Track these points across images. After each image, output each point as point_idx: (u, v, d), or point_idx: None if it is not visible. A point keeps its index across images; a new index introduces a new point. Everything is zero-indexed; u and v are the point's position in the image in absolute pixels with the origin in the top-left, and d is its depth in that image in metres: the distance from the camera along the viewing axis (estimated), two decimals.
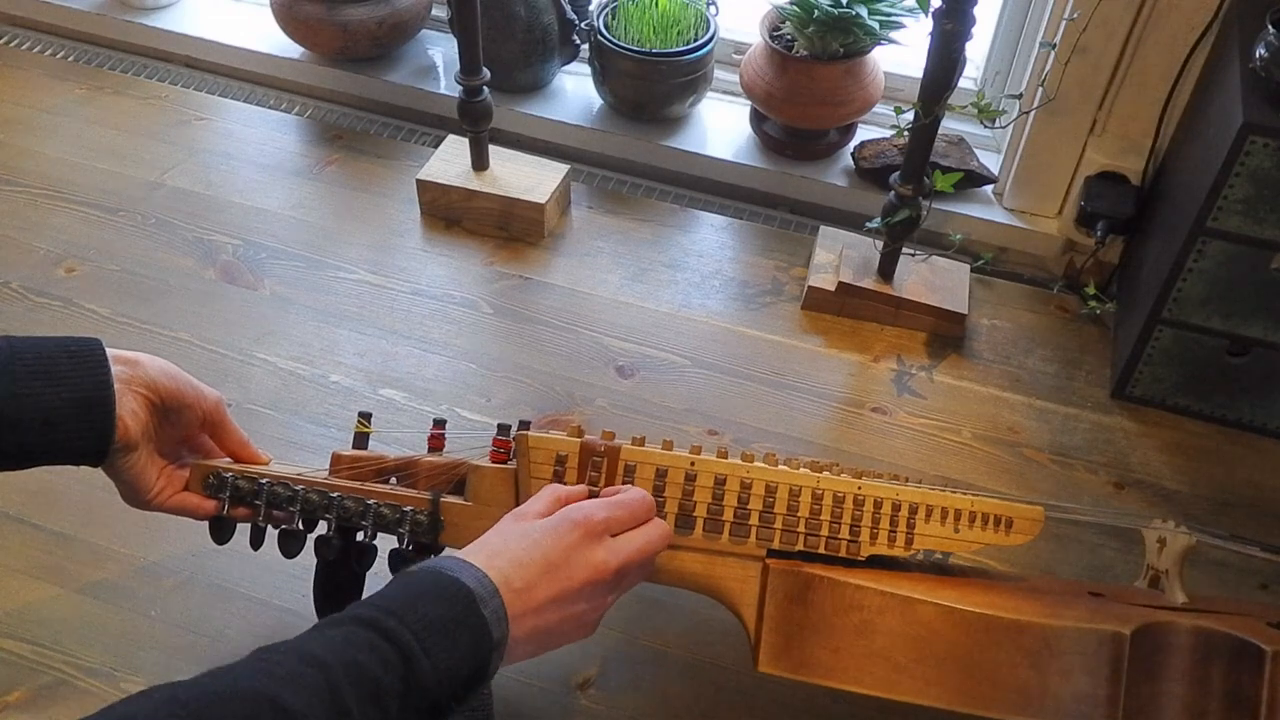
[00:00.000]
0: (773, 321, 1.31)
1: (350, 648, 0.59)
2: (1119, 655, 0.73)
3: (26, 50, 1.67)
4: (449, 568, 0.66)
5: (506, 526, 0.72)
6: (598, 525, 0.71)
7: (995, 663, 0.74)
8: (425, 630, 0.61)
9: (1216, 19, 1.16)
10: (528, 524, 0.72)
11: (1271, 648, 0.73)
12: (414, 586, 0.64)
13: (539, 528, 0.71)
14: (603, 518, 0.72)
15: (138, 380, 0.76)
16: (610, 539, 0.72)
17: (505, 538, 0.70)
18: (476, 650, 0.63)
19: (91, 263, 1.32)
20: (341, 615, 0.62)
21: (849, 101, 1.38)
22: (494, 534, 0.71)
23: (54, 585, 1.00)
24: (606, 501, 0.74)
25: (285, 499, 0.81)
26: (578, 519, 0.71)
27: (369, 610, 0.62)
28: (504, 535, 0.71)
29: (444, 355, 1.24)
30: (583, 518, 0.71)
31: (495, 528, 0.72)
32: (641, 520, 0.75)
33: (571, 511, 0.72)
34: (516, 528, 0.71)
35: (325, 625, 0.61)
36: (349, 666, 0.58)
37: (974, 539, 0.83)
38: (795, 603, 0.77)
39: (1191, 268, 1.11)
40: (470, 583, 0.65)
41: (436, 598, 0.63)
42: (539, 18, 1.46)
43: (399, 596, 0.63)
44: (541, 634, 0.68)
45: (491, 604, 0.65)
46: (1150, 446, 1.20)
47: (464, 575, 0.65)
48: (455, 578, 0.65)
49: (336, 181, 1.46)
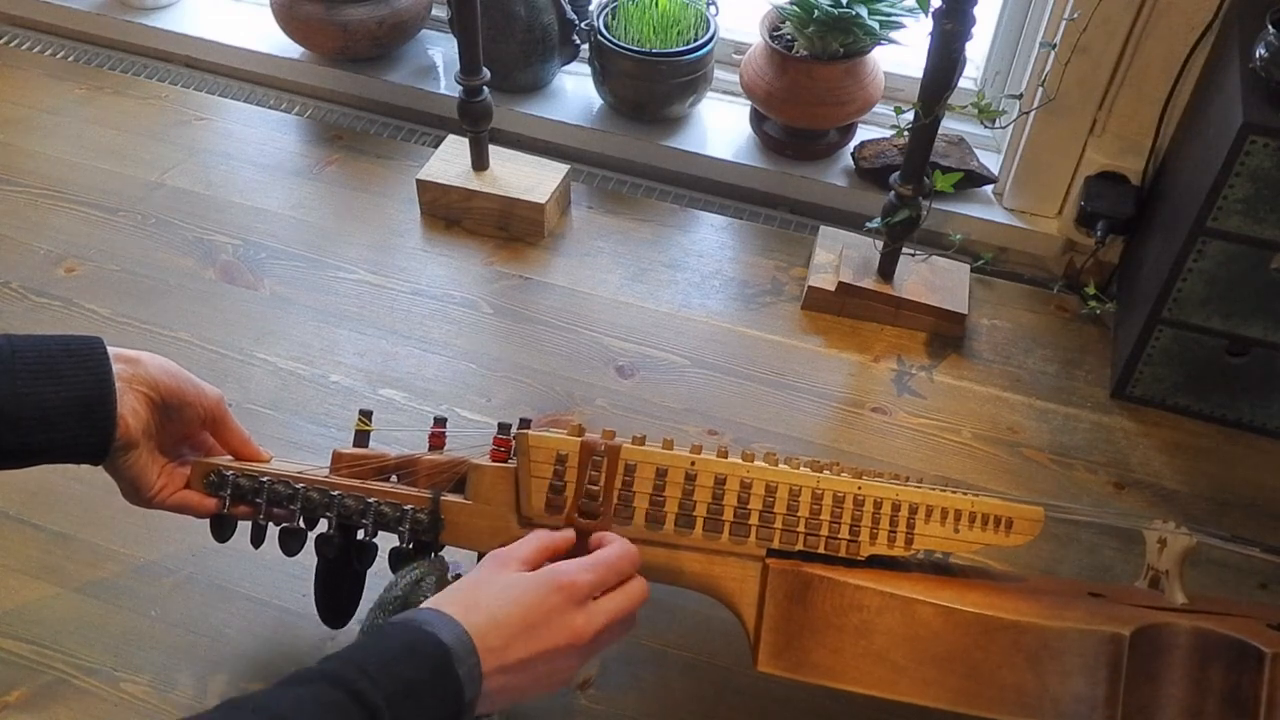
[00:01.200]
0: (773, 321, 1.31)
1: (319, 710, 0.58)
2: (1118, 656, 0.73)
3: (26, 50, 1.67)
4: (427, 621, 0.65)
5: (488, 576, 0.71)
6: (581, 590, 0.70)
7: (994, 663, 0.74)
8: (397, 693, 0.60)
9: (1216, 19, 1.16)
10: (510, 576, 0.70)
11: (1271, 650, 0.73)
12: (390, 642, 0.63)
13: (521, 584, 0.70)
14: (586, 581, 0.71)
15: (139, 379, 0.76)
16: (591, 603, 0.71)
17: (486, 590, 0.69)
18: (447, 711, 0.63)
19: (91, 263, 1.32)
20: (313, 670, 0.61)
21: (849, 101, 1.38)
22: (475, 584, 0.70)
23: (53, 585, 1.00)
24: (592, 563, 0.72)
25: (286, 497, 0.81)
26: (562, 583, 0.70)
27: (342, 667, 0.61)
28: (485, 587, 0.70)
29: (444, 355, 1.24)
30: (567, 582, 0.70)
31: (477, 576, 0.71)
32: (625, 577, 0.74)
33: (557, 574, 0.71)
34: (499, 579, 0.70)
35: (296, 681, 0.61)
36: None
37: (974, 539, 0.83)
38: (795, 602, 0.77)
39: (1191, 268, 1.11)
40: (448, 639, 0.64)
41: (412, 657, 0.63)
42: (539, 18, 1.46)
43: (374, 654, 0.62)
44: (512, 691, 0.68)
45: (467, 663, 0.64)
46: (1150, 446, 1.20)
47: (442, 632, 0.64)
48: (433, 634, 0.64)
49: (336, 181, 1.46)
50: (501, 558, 0.73)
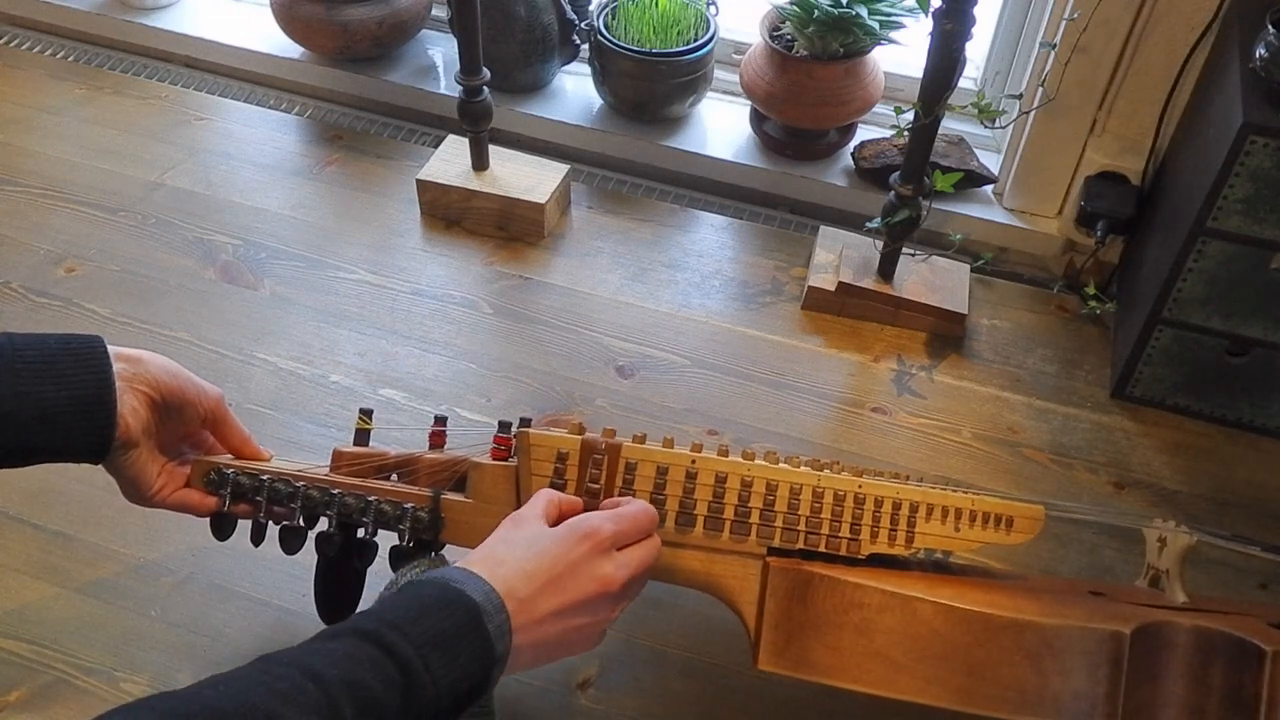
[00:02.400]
0: (773, 321, 1.31)
1: (352, 663, 0.58)
2: (1119, 654, 0.73)
3: (26, 50, 1.67)
4: (455, 579, 0.65)
5: (510, 534, 0.71)
6: (605, 539, 0.71)
7: (995, 661, 0.74)
8: (428, 645, 0.60)
9: (1216, 19, 1.16)
10: (532, 530, 0.71)
11: (1271, 647, 0.73)
12: (419, 598, 0.63)
13: (545, 536, 0.70)
14: (610, 531, 0.71)
15: (139, 378, 0.76)
16: (616, 552, 0.72)
17: (510, 546, 0.70)
18: (479, 665, 0.63)
19: (91, 263, 1.32)
20: (344, 626, 0.61)
21: (849, 101, 1.38)
22: (498, 542, 0.71)
23: (53, 585, 1.00)
24: (613, 514, 0.73)
25: (286, 495, 0.81)
26: (586, 531, 0.71)
27: (373, 623, 0.61)
28: (509, 543, 0.70)
29: (444, 355, 1.24)
30: (591, 529, 0.71)
31: (498, 534, 0.72)
32: (646, 533, 0.74)
33: (579, 524, 0.71)
34: (521, 534, 0.71)
35: (328, 636, 0.61)
36: (350, 684, 0.57)
37: (974, 538, 0.83)
38: (795, 601, 0.77)
39: (1191, 268, 1.11)
40: (476, 596, 0.64)
41: (441, 611, 0.63)
42: (539, 18, 1.46)
43: (404, 608, 0.62)
44: (545, 646, 0.68)
45: (497, 619, 0.64)
46: (1150, 446, 1.20)
47: (469, 588, 0.65)
48: (461, 590, 0.64)
49: (336, 181, 1.46)
50: (517, 517, 0.73)
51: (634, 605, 1.00)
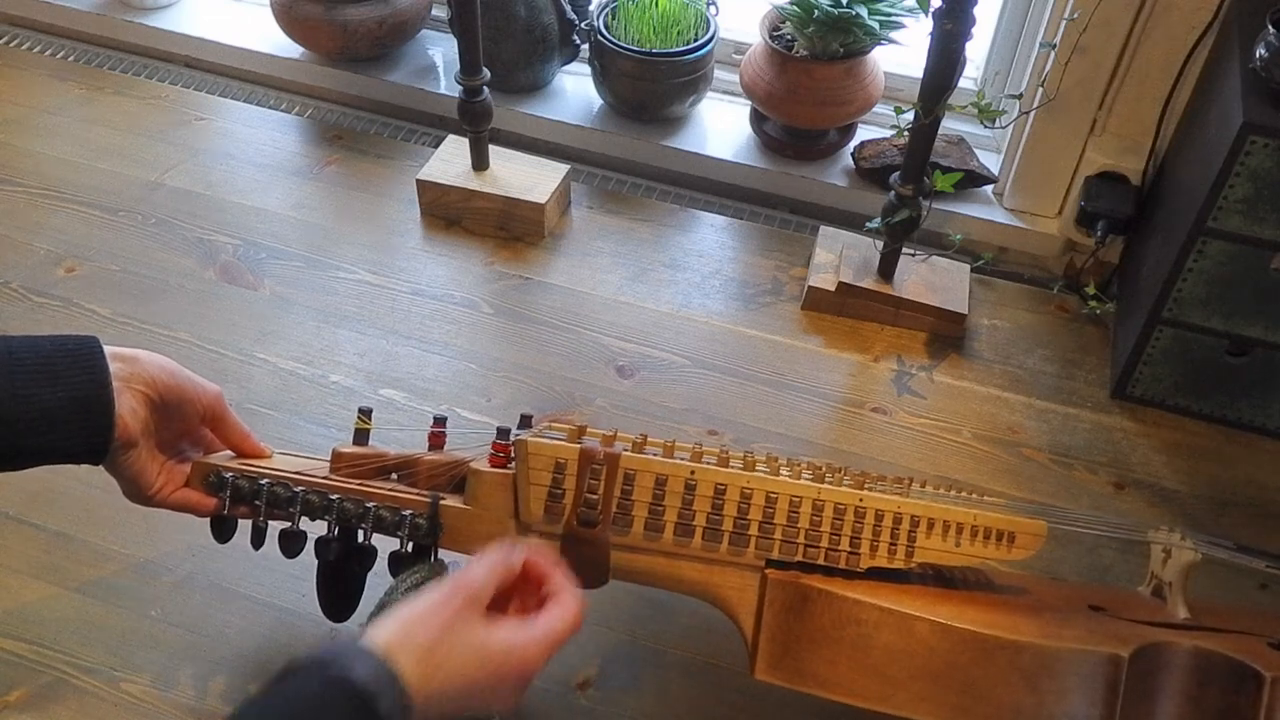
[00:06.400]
0: (773, 321, 1.31)
1: None
2: (1116, 677, 0.72)
3: (26, 50, 1.67)
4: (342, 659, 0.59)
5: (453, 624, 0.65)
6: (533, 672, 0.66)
7: (991, 681, 0.73)
8: None
9: (1216, 19, 1.16)
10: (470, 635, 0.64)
11: (1271, 673, 0.73)
12: (300, 700, 0.57)
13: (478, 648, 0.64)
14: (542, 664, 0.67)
15: (136, 378, 0.76)
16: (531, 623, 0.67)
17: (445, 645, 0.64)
18: None
19: (91, 263, 1.32)
20: None
21: (849, 101, 1.38)
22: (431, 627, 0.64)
23: (54, 585, 1.00)
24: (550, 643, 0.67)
25: (285, 500, 0.81)
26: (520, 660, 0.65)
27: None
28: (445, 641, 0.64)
29: (444, 355, 1.24)
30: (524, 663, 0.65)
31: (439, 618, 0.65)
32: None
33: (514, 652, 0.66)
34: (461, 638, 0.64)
35: None
36: None
37: (975, 553, 0.82)
38: (793, 614, 0.77)
39: (1191, 268, 1.10)
40: (362, 676, 0.58)
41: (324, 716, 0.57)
42: (539, 18, 1.46)
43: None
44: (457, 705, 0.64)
45: (390, 694, 0.58)
46: (1150, 446, 1.20)
47: (355, 670, 0.58)
48: (344, 676, 0.58)
49: (336, 181, 1.46)
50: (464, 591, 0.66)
51: (634, 605, 1.01)
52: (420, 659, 0.61)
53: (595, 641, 0.98)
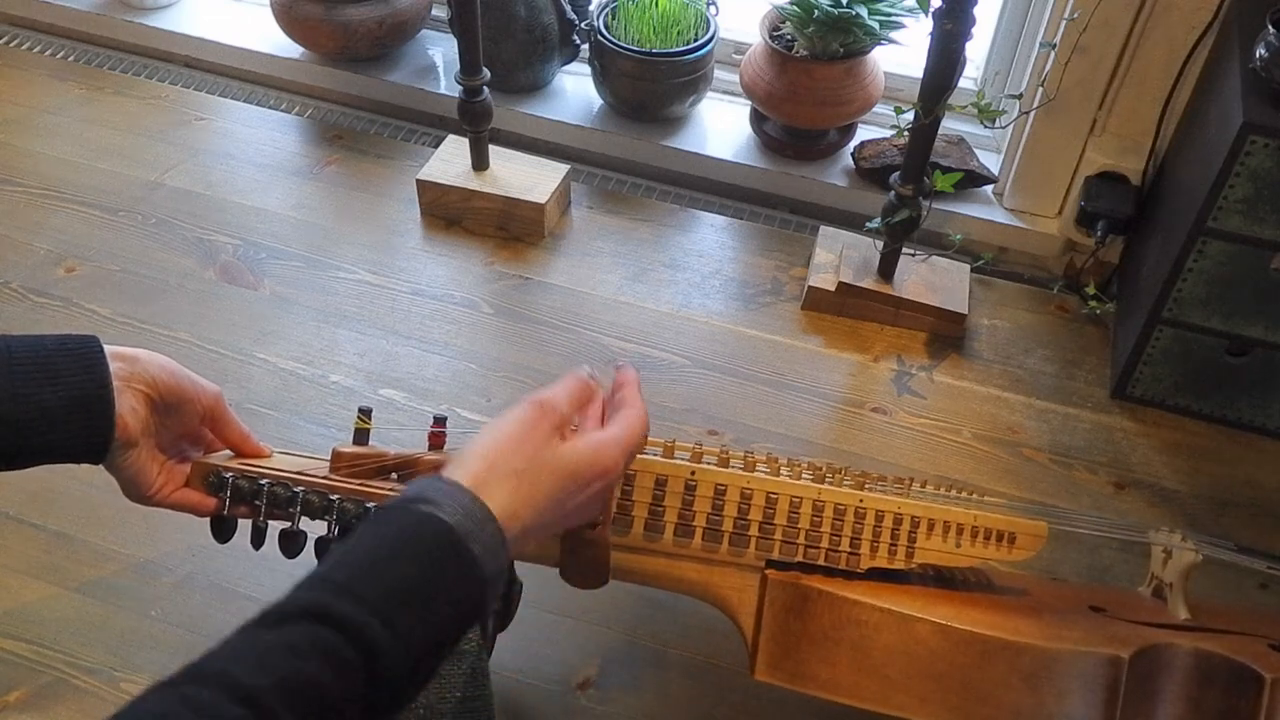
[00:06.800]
0: (773, 321, 1.31)
1: (292, 658, 0.49)
2: (1116, 679, 0.72)
3: (26, 50, 1.67)
4: (424, 496, 0.56)
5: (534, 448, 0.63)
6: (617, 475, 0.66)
7: (991, 682, 0.73)
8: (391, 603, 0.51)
9: (1216, 19, 1.16)
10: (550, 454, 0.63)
11: (1271, 675, 0.73)
12: (377, 540, 0.55)
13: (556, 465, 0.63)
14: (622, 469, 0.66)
15: (136, 377, 0.76)
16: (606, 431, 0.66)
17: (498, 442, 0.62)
18: (464, 599, 0.55)
19: (91, 263, 1.32)
20: (286, 601, 0.52)
21: (849, 101, 1.38)
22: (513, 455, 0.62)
23: (54, 585, 1.00)
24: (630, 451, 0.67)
25: (285, 500, 0.81)
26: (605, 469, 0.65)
27: (318, 590, 0.52)
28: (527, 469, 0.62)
29: (444, 355, 1.24)
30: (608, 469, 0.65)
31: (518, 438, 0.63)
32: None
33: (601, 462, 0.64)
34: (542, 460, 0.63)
35: (266, 624, 0.52)
36: (289, 691, 0.48)
37: (975, 554, 0.82)
38: (793, 615, 0.77)
39: (1191, 268, 1.11)
40: (449, 516, 0.56)
41: (405, 552, 0.54)
42: (539, 18, 1.46)
43: (356, 561, 0.53)
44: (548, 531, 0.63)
45: (482, 535, 0.56)
46: (1150, 446, 1.20)
47: (442, 506, 0.56)
48: (430, 513, 0.55)
49: (336, 181, 1.46)
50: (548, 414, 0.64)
51: (634, 605, 1.01)
52: (511, 491, 0.60)
53: (595, 641, 0.98)
